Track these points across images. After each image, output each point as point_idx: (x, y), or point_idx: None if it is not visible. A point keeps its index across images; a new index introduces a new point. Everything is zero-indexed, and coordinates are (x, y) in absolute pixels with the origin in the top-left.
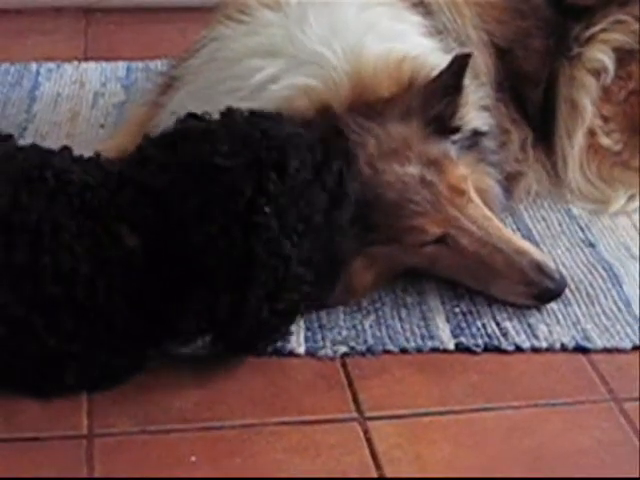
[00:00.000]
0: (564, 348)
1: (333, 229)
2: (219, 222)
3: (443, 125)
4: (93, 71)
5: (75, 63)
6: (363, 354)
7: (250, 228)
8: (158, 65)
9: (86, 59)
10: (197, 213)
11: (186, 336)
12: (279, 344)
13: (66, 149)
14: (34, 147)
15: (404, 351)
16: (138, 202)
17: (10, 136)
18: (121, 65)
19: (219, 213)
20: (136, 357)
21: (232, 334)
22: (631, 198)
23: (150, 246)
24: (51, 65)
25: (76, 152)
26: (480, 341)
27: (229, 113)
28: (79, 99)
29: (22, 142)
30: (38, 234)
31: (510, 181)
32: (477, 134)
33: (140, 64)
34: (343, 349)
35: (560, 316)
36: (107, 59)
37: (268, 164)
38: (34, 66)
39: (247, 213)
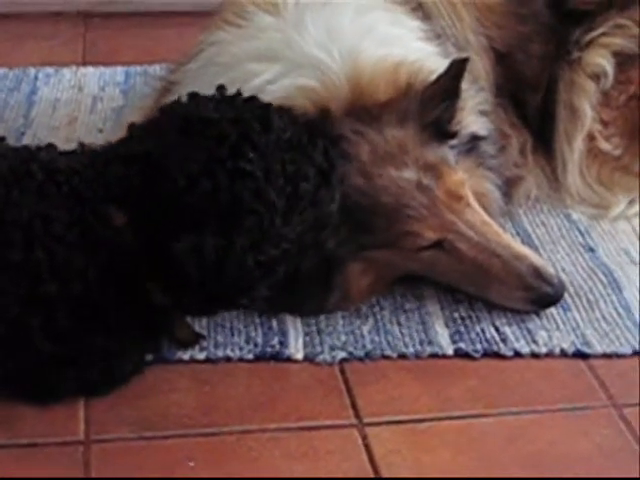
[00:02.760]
0: (564, 353)
1: (322, 208)
2: (203, 164)
3: (440, 130)
4: (91, 76)
5: (73, 68)
6: (361, 359)
7: (235, 172)
8: (156, 69)
9: (84, 64)
10: (182, 159)
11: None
12: (277, 349)
13: (51, 145)
14: (24, 147)
15: (403, 356)
16: (125, 175)
17: (2, 138)
18: (119, 70)
19: (204, 157)
20: (134, 361)
21: (217, 283)
22: (631, 203)
23: (138, 222)
24: (49, 70)
25: None
26: (479, 346)
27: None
28: (77, 104)
29: None
30: (31, 230)
31: (509, 185)
32: (476, 138)
33: (138, 68)
34: (342, 354)
35: (559, 321)
36: (105, 64)
37: (253, 118)
38: (32, 71)
39: (232, 158)
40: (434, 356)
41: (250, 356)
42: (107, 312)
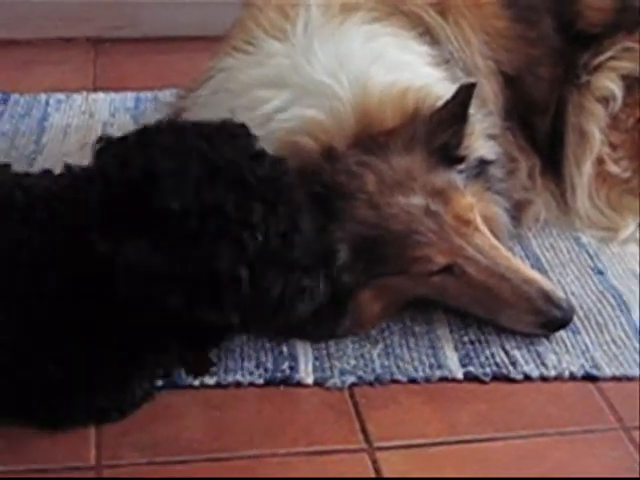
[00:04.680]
0: (573, 376)
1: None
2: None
3: (448, 155)
4: (102, 102)
5: (84, 94)
6: (371, 384)
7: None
8: (167, 95)
9: (95, 90)
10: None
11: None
12: (287, 373)
13: (48, 171)
14: (14, 174)
15: (412, 380)
16: (105, 200)
17: (6, 165)
18: (130, 95)
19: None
20: (144, 387)
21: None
22: None
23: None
24: (60, 96)
25: None
26: (489, 370)
27: None
28: (88, 130)
29: None
30: (14, 259)
31: (518, 209)
32: (484, 163)
33: (149, 94)
34: (351, 379)
35: (569, 344)
36: (116, 89)
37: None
38: (43, 97)
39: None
40: (444, 380)
41: (260, 381)
42: (107, 337)
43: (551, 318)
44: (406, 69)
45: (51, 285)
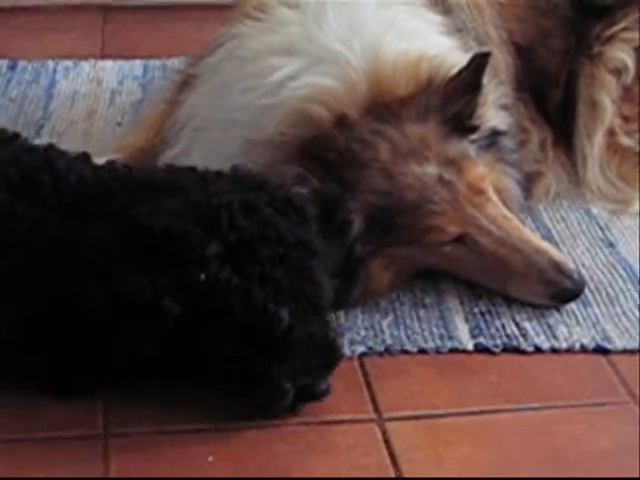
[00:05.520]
0: (584, 349)
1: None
2: None
3: (461, 124)
4: (110, 69)
5: (92, 61)
6: (381, 354)
7: None
8: (175, 63)
9: (103, 57)
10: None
11: None
12: None
13: (85, 154)
14: (43, 151)
15: (422, 351)
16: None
17: (16, 135)
18: (138, 63)
19: None
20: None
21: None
22: None
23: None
24: (68, 63)
25: (92, 150)
26: (499, 341)
27: None
28: (96, 97)
29: (38, 141)
30: (28, 240)
31: (529, 181)
32: (496, 133)
33: (157, 62)
34: (361, 349)
35: (580, 317)
36: (124, 57)
37: None
38: (51, 64)
39: None
40: (454, 351)
41: None
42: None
43: (562, 289)
44: (419, 37)
45: (54, 272)
